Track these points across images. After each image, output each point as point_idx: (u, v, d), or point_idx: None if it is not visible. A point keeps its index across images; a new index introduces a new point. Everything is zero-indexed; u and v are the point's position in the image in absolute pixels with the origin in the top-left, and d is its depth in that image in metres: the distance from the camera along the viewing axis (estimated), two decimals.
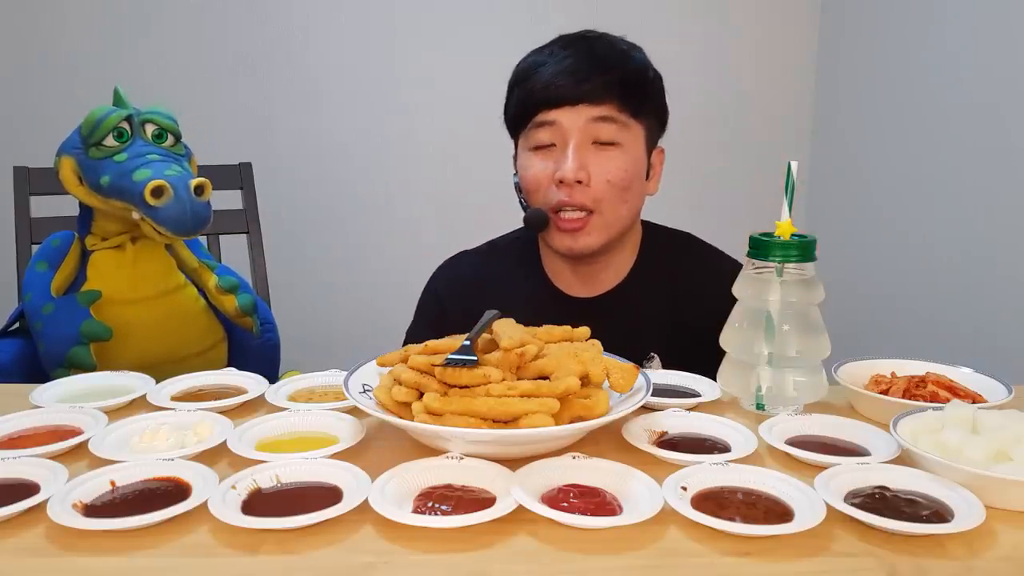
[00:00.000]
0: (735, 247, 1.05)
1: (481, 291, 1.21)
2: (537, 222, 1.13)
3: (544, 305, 1.18)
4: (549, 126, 1.09)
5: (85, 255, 1.30)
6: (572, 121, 1.07)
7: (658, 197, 1.22)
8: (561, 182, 1.08)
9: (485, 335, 0.82)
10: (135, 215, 1.19)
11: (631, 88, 1.08)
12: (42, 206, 1.57)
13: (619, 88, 1.07)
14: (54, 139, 1.27)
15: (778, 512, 0.64)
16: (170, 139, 1.27)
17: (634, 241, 1.22)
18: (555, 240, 1.13)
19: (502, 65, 1.17)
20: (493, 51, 1.25)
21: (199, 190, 1.18)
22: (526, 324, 0.88)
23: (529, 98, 1.10)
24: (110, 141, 1.20)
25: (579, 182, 1.07)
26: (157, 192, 1.13)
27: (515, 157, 1.18)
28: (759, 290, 0.88)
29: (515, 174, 1.18)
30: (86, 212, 1.30)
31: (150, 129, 1.24)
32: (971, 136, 1.81)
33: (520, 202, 1.17)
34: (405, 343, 1.18)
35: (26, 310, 1.27)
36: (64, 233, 1.33)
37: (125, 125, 1.22)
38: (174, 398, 0.94)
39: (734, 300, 0.92)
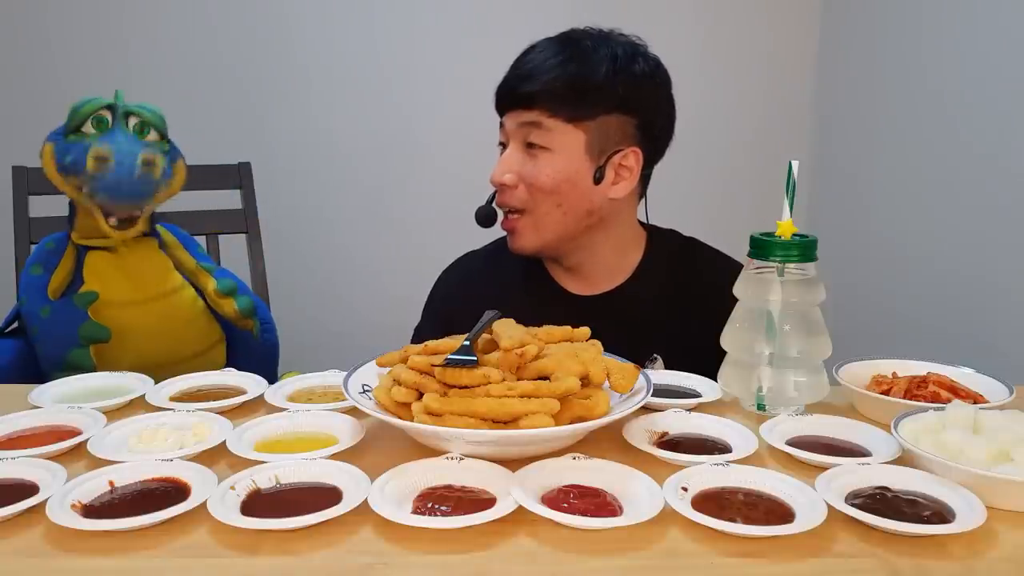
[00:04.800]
0: (735, 247, 1.05)
1: (487, 289, 1.23)
2: (480, 218, 1.19)
3: (547, 302, 1.20)
4: (502, 128, 1.16)
5: (80, 257, 1.30)
6: (510, 124, 1.13)
7: (659, 197, 1.22)
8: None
9: (485, 335, 0.82)
10: (84, 189, 1.18)
11: (559, 95, 1.08)
12: (42, 206, 1.56)
13: (545, 96, 1.09)
14: None
15: (779, 513, 0.63)
16: (153, 134, 1.25)
17: (633, 241, 1.22)
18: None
19: (504, 64, 1.17)
20: (494, 50, 1.25)
21: (147, 163, 1.19)
22: (529, 320, 0.88)
23: (496, 99, 1.17)
24: (88, 128, 1.20)
25: (505, 184, 1.12)
26: (100, 159, 1.14)
27: None
28: (760, 290, 0.88)
29: None
30: (72, 207, 1.29)
31: (132, 121, 1.23)
32: (972, 136, 1.81)
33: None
34: (413, 341, 1.19)
35: (23, 314, 1.26)
36: (58, 235, 1.32)
37: (105, 114, 1.21)
38: (173, 398, 0.94)
39: (735, 301, 0.92)
